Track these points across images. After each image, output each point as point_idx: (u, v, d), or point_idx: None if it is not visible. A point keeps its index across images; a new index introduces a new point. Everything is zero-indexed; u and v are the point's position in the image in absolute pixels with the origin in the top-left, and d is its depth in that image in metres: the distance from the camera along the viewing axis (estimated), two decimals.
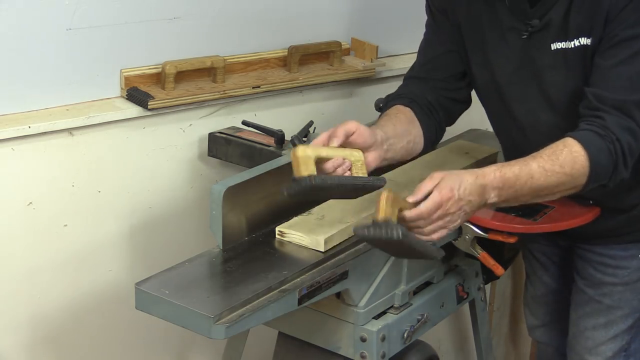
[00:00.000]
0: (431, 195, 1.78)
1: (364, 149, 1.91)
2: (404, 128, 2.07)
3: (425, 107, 2.14)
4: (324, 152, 1.84)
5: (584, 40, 1.96)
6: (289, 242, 1.99)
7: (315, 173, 1.78)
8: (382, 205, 1.73)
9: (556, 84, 2.03)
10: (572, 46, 1.98)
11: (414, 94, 2.15)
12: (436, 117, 2.16)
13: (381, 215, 1.72)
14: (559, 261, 2.43)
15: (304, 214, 2.08)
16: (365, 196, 1.98)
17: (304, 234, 1.98)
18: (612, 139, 1.88)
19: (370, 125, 2.00)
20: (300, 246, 1.98)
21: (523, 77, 2.07)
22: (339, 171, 1.86)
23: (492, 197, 1.84)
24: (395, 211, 1.75)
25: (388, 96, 2.22)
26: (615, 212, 2.16)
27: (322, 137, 1.87)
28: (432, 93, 2.16)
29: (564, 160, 1.86)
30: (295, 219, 2.06)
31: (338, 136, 1.87)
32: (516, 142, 2.15)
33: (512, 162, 1.88)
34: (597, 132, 1.88)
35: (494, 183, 1.83)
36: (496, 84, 2.12)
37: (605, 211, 2.16)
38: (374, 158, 1.94)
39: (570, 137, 1.89)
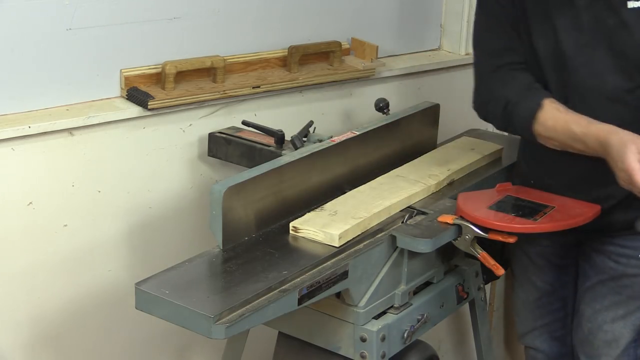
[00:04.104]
0: None
1: None
2: None
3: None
4: None
5: None
6: (303, 237, 2.00)
7: None
8: None
9: (629, 44, 2.03)
10: None
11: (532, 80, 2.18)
12: None
13: None
14: (559, 261, 2.41)
15: (317, 210, 2.08)
16: (374, 192, 2.17)
17: (318, 229, 1.99)
18: None
19: None
20: (314, 241, 1.99)
21: (590, 39, 2.07)
22: None
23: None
24: None
25: (520, 95, 2.17)
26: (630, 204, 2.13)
27: None
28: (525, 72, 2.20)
29: None
30: (308, 215, 2.06)
31: None
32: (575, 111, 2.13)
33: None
34: None
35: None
36: (560, 51, 2.11)
37: (622, 203, 2.14)
38: None
39: None
